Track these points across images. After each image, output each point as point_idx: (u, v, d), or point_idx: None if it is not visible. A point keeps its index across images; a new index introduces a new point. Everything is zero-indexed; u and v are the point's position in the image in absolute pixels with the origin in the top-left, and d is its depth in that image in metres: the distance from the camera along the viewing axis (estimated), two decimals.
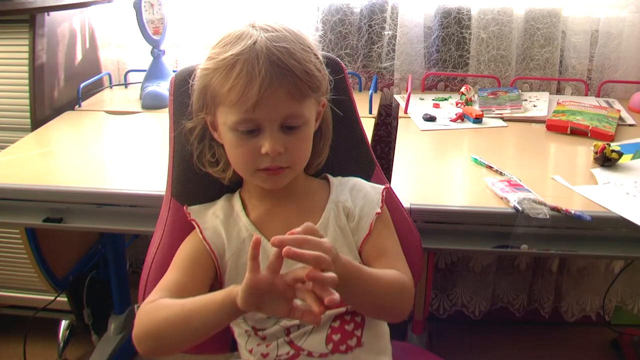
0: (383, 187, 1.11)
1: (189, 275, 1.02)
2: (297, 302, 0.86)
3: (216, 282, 1.06)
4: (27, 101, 1.77)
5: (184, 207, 1.10)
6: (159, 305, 0.96)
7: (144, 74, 1.98)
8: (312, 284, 0.82)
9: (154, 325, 0.95)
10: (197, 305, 0.93)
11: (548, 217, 1.20)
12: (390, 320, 1.09)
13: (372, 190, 1.10)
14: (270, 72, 0.93)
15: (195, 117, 1.06)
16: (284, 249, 0.81)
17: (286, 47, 0.96)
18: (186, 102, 1.10)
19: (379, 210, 1.07)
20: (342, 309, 1.05)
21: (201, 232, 1.05)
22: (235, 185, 1.11)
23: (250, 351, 1.06)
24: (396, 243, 1.09)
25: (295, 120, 0.98)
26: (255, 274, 0.84)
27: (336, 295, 0.80)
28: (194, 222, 1.07)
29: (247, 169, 1.02)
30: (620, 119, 1.74)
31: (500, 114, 1.79)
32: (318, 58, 1.02)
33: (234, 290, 0.88)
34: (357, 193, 1.09)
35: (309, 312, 0.83)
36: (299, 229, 0.85)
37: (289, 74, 0.95)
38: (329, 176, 1.13)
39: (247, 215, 1.07)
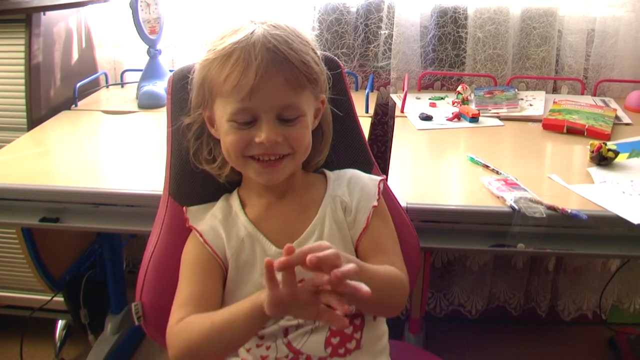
0: (380, 178, 1.11)
1: (202, 283, 1.03)
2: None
3: None
4: (23, 101, 1.76)
5: (184, 209, 1.10)
6: (188, 324, 0.97)
7: (140, 73, 1.98)
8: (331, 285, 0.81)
9: (189, 345, 0.96)
10: (226, 319, 0.94)
11: (544, 216, 1.20)
12: (383, 316, 1.10)
13: (369, 182, 1.09)
14: (267, 58, 0.93)
15: (194, 113, 1.06)
16: (308, 258, 0.80)
17: (283, 36, 0.96)
18: (184, 100, 1.09)
19: (375, 204, 1.06)
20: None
21: (202, 236, 1.05)
22: (232, 184, 1.11)
23: (248, 350, 1.05)
24: (393, 237, 1.09)
25: (292, 111, 0.98)
26: (274, 291, 0.84)
27: (365, 287, 0.79)
28: (193, 229, 1.07)
29: (238, 156, 1.00)
30: (617, 118, 1.74)
31: (497, 113, 1.79)
32: (316, 54, 1.02)
33: (260, 299, 0.87)
34: (354, 186, 1.08)
35: (335, 316, 0.82)
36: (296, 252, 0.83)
37: (285, 61, 0.95)
38: (326, 170, 1.12)
39: (246, 213, 1.07)
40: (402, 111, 1.82)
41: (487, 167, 1.43)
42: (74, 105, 1.92)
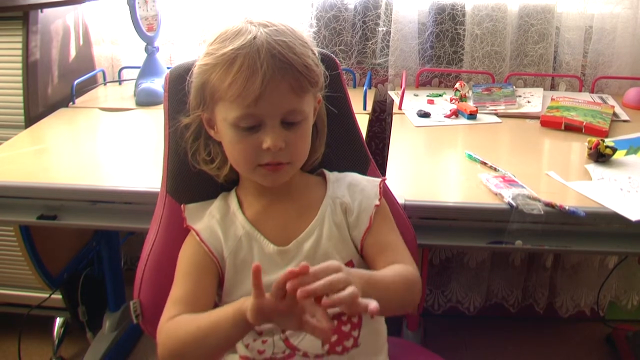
0: (380, 179, 1.11)
1: (195, 281, 1.03)
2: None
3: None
4: (20, 98, 1.76)
5: (182, 207, 1.10)
6: (177, 324, 0.97)
7: (138, 70, 1.98)
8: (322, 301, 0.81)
9: (176, 346, 0.96)
10: (211, 323, 0.94)
11: (542, 212, 1.21)
12: (400, 314, 1.10)
13: (368, 184, 1.10)
14: (272, 65, 0.93)
15: (192, 114, 1.05)
16: (298, 293, 0.80)
17: (286, 42, 0.96)
18: (181, 98, 1.09)
19: (377, 203, 1.07)
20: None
21: (198, 235, 1.05)
22: (230, 183, 1.11)
23: (247, 346, 1.06)
24: (397, 235, 1.09)
25: (296, 116, 0.98)
26: (259, 300, 0.84)
27: (373, 303, 0.79)
28: (190, 228, 1.07)
29: (248, 165, 1.01)
30: (614, 114, 1.74)
31: (495, 110, 1.79)
32: (314, 54, 1.02)
33: (244, 306, 0.88)
34: (354, 188, 1.09)
35: (318, 328, 0.82)
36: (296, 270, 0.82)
37: (290, 68, 0.95)
38: (326, 172, 1.13)
39: (244, 213, 1.07)
40: (399, 108, 1.82)
41: (485, 164, 1.43)
42: (71, 103, 1.91)
